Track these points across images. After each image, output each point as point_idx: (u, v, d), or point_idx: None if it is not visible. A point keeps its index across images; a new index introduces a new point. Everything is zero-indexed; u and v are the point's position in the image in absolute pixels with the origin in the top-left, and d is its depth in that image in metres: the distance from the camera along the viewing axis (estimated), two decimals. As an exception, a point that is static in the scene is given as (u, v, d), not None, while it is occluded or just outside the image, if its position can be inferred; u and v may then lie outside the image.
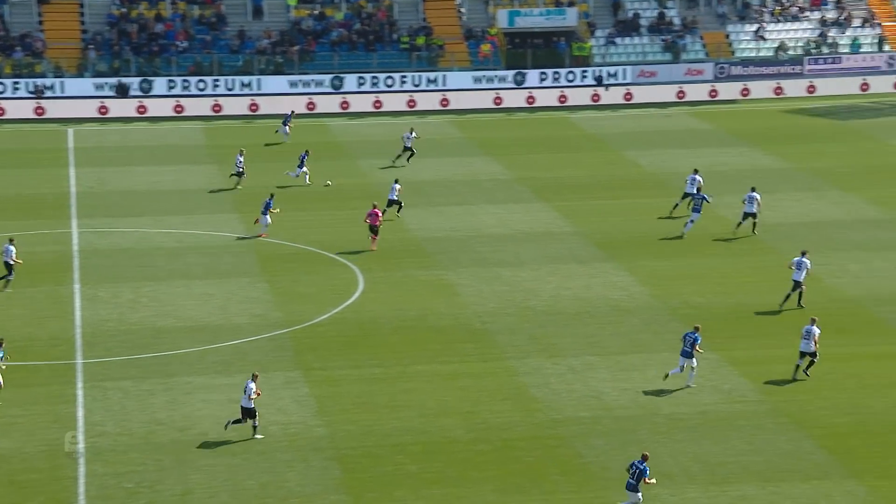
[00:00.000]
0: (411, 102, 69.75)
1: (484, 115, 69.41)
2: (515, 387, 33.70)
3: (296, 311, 39.15)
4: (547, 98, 71.49)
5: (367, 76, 71.27)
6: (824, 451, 29.82)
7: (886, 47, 76.05)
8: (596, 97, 72.16)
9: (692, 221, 46.23)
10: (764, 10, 78.28)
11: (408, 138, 57.65)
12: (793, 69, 74.36)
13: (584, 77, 73.13)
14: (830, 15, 78.09)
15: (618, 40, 76.27)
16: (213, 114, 68.59)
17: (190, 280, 42.13)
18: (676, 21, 77.74)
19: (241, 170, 53.73)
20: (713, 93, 72.54)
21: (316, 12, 76.12)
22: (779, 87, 72.97)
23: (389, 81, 71.37)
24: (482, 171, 55.27)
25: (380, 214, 45.38)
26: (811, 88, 73.03)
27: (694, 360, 33.25)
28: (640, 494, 26.79)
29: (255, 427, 30.75)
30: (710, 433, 30.88)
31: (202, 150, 61.54)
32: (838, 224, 47.66)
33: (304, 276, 42.39)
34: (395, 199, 48.45)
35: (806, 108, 69.86)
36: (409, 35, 74.75)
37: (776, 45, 76.16)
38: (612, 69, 73.47)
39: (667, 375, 33.36)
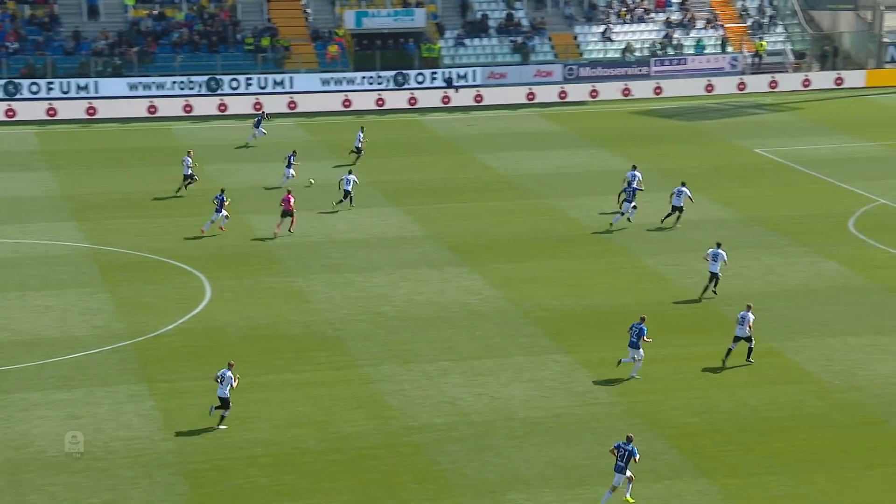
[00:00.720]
0: (258, 105, 69.11)
1: (332, 118, 69.15)
2: (369, 394, 33.57)
3: (139, 322, 38.38)
4: (397, 100, 71.56)
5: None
6: (676, 451, 30.37)
7: (729, 48, 78.03)
8: (446, 99, 72.50)
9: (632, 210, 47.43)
10: (610, 11, 79.63)
11: (359, 138, 57.83)
12: (640, 70, 75.78)
13: (434, 79, 73.41)
14: (675, 16, 79.82)
15: (467, 41, 76.76)
16: (48, 118, 66.96)
17: (25, 292, 41.01)
18: (525, 22, 78.58)
19: (190, 172, 52.37)
20: (562, 94, 73.49)
21: (155, 12, 74.89)
22: (627, 89, 74.30)
23: (234, 84, 70.58)
24: (330, 175, 55.01)
25: (292, 200, 46.42)
26: (658, 90, 74.52)
27: (640, 350, 33.96)
28: (629, 473, 27.76)
29: (223, 417, 31.24)
30: (564, 436, 31.19)
31: (36, 156, 60.00)
32: (687, 224, 48.64)
33: (148, 286, 41.59)
34: (349, 190, 49.62)
35: (654, 109, 71.27)
36: (254, 36, 74.06)
37: (623, 46, 77.53)
38: (461, 71, 73.90)
39: (619, 362, 34.10)
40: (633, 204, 47.81)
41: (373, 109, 70.86)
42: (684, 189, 47.80)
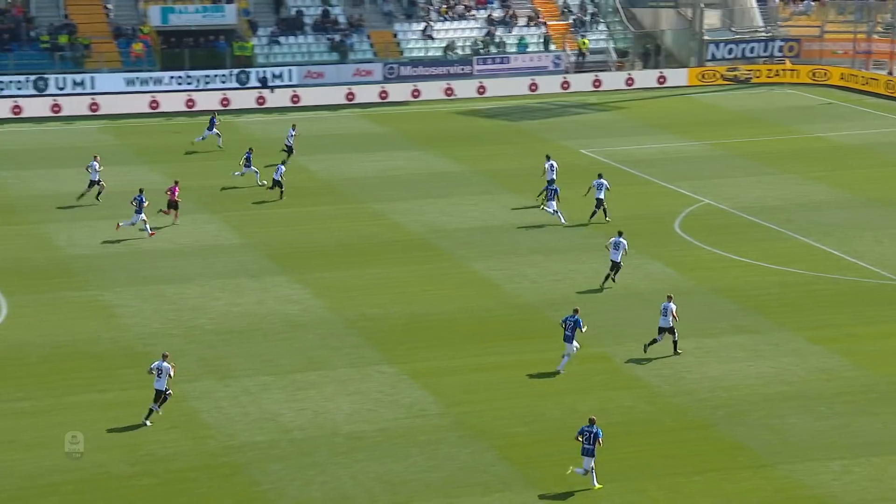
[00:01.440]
0: (56, 107, 67.44)
1: (139, 120, 67.96)
2: (184, 413, 33.06)
3: (-68, 343, 37.09)
4: (208, 101, 70.72)
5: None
6: (505, 463, 30.71)
7: (552, 47, 79.35)
8: (261, 100, 71.96)
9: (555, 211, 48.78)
10: (430, 8, 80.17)
11: (290, 136, 57.80)
12: (462, 69, 76.49)
13: (248, 79, 72.79)
14: (497, 14, 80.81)
15: (281, 39, 76.35)
16: None
17: None
18: (342, 19, 78.56)
19: (97, 178, 51.46)
20: (383, 94, 73.70)
21: (-58, 8, 72.65)
22: (449, 88, 74.90)
23: (21, 84, 68.69)
24: (140, 180, 54.03)
25: (177, 190, 48.21)
26: (481, 89, 75.33)
27: (575, 344, 34.99)
28: (593, 460, 29.05)
29: (165, 399, 32.13)
30: (391, 451, 31.25)
31: None
32: (514, 228, 49.28)
33: (-59, 303, 40.26)
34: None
35: (477, 109, 72.01)
36: (50, 33, 72.25)
37: (444, 44, 78.14)
38: (276, 70, 73.46)
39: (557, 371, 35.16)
40: (553, 206, 49.15)
41: (182, 111, 69.88)
42: (604, 181, 49.20)
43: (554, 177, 51.22)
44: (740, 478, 29.99)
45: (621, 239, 42.00)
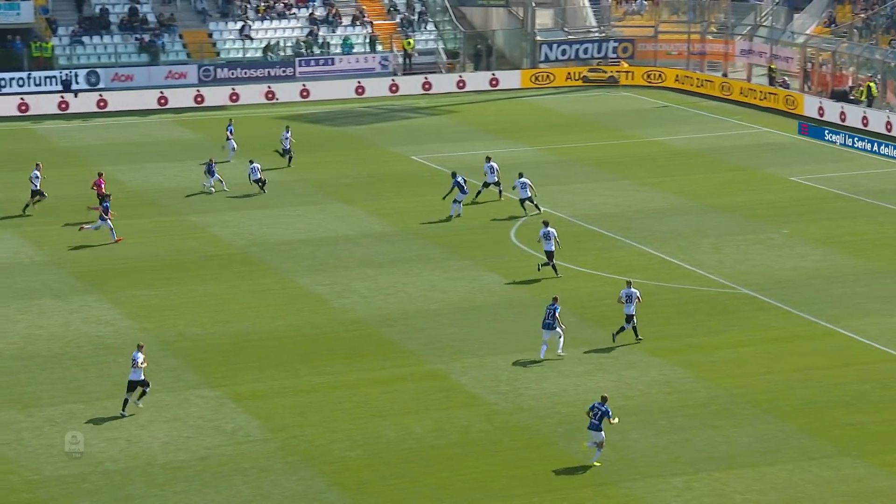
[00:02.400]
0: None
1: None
2: (-15, 447, 32.22)
3: None
4: (4, 106, 69.04)
5: None
6: (336, 489, 30.64)
7: (379, 47, 79.58)
8: (64, 105, 70.55)
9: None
10: (248, 6, 79.67)
11: (285, 139, 58.70)
12: (284, 71, 76.20)
13: (49, 82, 71.30)
14: (319, 13, 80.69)
15: (85, 39, 75.00)
16: None
17: None
18: (151, 18, 77.55)
19: (37, 188, 51.16)
20: (199, 98, 72.95)
21: None
22: (270, 92, 74.52)
23: None
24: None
25: (102, 184, 50.37)
26: (304, 92, 75.13)
27: (558, 328, 37.30)
28: (602, 433, 31.37)
29: (144, 392, 34.16)
30: (212, 480, 30.90)
31: None
32: (343, 240, 49.24)
33: None
34: (260, 178, 54.09)
35: (301, 113, 71.78)
36: None
37: (264, 45, 77.72)
38: (80, 72, 72.12)
39: (540, 359, 37.12)
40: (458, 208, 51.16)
41: (-22, 117, 68.12)
42: (525, 180, 51.25)
43: (496, 179, 53.47)
44: (582, 497, 30.43)
45: (549, 228, 44.35)
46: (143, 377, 34.06)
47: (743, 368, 37.53)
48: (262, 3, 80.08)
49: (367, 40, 79.71)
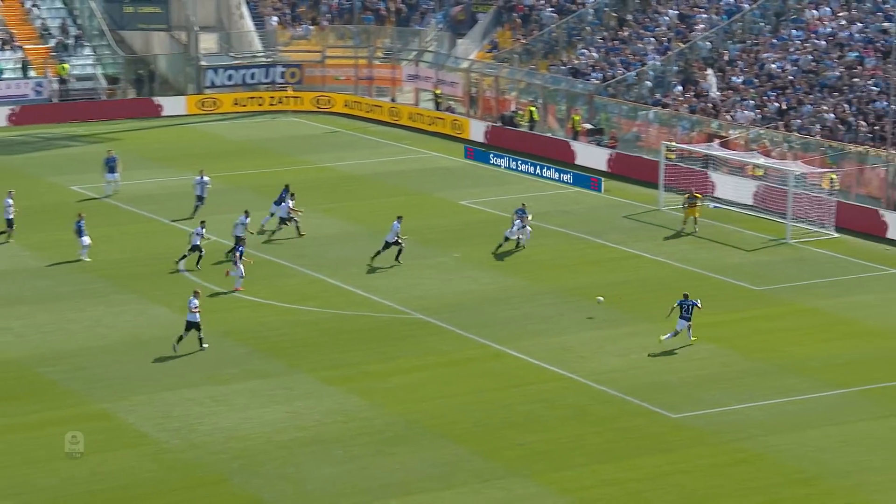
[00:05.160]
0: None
1: None
2: None
3: None
4: None
5: None
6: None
7: (32, 73, 77.37)
8: None
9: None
10: None
11: (200, 184, 56.44)
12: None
13: None
14: (-33, 36, 77.93)
15: None
16: None
17: None
18: None
19: (11, 217, 51.12)
20: None
21: None
22: (-86, 121, 71.36)
23: None
24: None
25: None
26: (-47, 121, 72.31)
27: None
28: (688, 323, 40.46)
29: (200, 339, 40.49)
30: None
31: None
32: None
33: None
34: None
35: (-51, 143, 69.06)
36: None
37: None
38: None
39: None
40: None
41: None
42: (290, 201, 52.66)
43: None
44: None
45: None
46: (197, 319, 40.18)
47: (417, 393, 38.15)
48: None
49: (20, 65, 77.36)
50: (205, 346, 40.58)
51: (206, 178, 56.98)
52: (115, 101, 77.69)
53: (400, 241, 49.46)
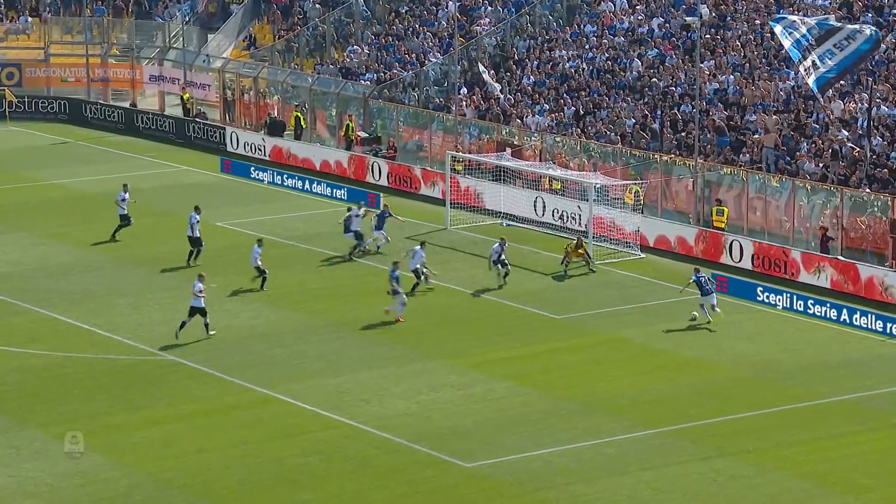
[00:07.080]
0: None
1: None
2: None
3: None
4: None
5: None
6: None
7: None
8: None
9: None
10: None
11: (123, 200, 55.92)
12: None
13: None
14: None
15: None
16: None
17: None
18: None
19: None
20: None
21: None
22: None
23: None
24: None
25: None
26: None
27: (714, 296, 46.48)
28: (713, 296, 46.55)
29: (206, 325, 43.97)
30: None
31: None
32: None
33: None
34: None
35: None
36: None
37: None
38: None
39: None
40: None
41: None
42: (197, 215, 52.64)
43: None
44: None
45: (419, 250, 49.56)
46: (202, 304, 43.22)
47: (172, 448, 37.47)
48: None
49: None
50: (212, 332, 44.04)
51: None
52: None
53: (263, 268, 49.79)
